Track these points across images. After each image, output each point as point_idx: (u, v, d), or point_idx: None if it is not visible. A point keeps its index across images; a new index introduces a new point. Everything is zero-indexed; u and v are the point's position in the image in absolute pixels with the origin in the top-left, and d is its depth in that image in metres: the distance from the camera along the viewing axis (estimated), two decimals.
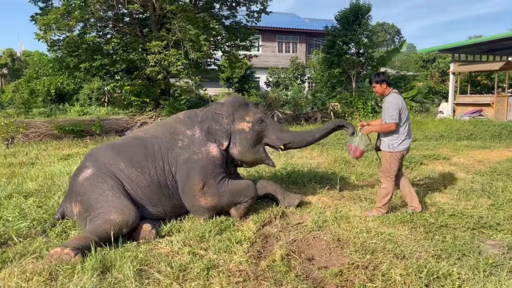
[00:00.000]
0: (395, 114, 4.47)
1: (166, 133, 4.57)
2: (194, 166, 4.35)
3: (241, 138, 4.61)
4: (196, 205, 4.35)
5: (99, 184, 4.03)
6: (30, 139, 11.25)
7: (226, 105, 4.71)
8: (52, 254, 3.30)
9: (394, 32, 79.45)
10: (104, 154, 4.34)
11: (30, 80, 26.02)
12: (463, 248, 3.68)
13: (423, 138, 11.21)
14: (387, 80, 4.70)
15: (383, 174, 4.68)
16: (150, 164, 4.32)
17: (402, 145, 4.56)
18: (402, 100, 4.61)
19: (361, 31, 17.40)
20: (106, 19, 12.62)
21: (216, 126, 4.58)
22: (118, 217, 3.76)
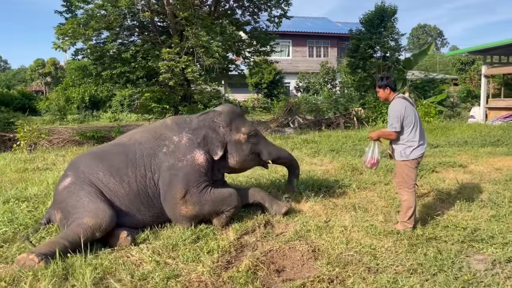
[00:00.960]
0: (395, 123, 4.22)
1: (151, 138, 4.52)
2: (177, 173, 4.30)
3: (237, 149, 4.68)
4: (177, 214, 4.30)
5: (76, 191, 4.06)
6: (53, 145, 11.66)
7: (224, 115, 4.70)
8: (18, 260, 3.35)
9: (436, 34, 77.23)
10: (84, 163, 4.34)
11: (66, 88, 27.15)
12: (443, 262, 3.45)
13: (445, 144, 10.72)
14: (391, 85, 4.43)
15: (401, 185, 4.35)
16: (131, 172, 4.26)
17: (416, 152, 4.27)
18: (406, 106, 4.28)
19: (387, 34, 16.96)
20: (126, 27, 12.94)
21: (212, 134, 4.58)
22: (91, 220, 3.75)
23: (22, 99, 28.11)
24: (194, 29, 11.39)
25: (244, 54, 15.14)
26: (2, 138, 12.04)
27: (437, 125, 13.77)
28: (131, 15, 12.54)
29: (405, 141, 4.27)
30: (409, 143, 4.25)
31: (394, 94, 4.43)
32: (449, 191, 5.96)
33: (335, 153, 9.54)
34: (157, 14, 13.23)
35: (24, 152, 10.36)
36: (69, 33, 11.21)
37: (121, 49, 13.00)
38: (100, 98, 27.42)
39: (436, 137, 11.99)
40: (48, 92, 39.91)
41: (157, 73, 12.73)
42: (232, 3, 15.09)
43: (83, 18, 11.67)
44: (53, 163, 8.95)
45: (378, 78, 4.55)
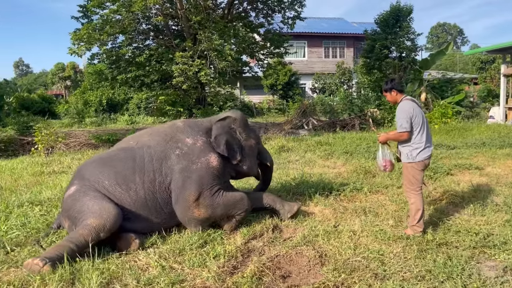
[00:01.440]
0: (404, 123, 4.18)
1: (161, 141, 4.47)
2: (191, 175, 4.28)
3: (249, 154, 4.84)
4: (190, 217, 4.29)
5: (80, 198, 4.04)
6: (70, 148, 11.86)
7: (238, 121, 4.83)
8: (25, 265, 3.41)
9: (456, 32, 75.97)
10: (89, 171, 4.31)
11: (84, 92, 27.62)
12: (453, 269, 3.38)
13: (462, 146, 10.49)
14: (396, 86, 4.40)
15: (408, 188, 4.31)
16: (138, 178, 4.22)
17: (422, 154, 4.22)
18: (414, 107, 4.27)
19: (403, 34, 16.73)
20: (140, 31, 13.10)
21: (232, 140, 4.67)
22: (95, 221, 3.77)
23: (42, 102, 28.69)
24: (207, 32, 11.46)
25: (258, 56, 15.15)
26: (21, 142, 12.33)
27: (454, 126, 13.49)
28: (145, 19, 12.68)
29: (411, 142, 4.24)
30: (415, 145, 4.21)
31: (402, 96, 4.41)
32: (463, 194, 5.83)
33: (349, 155, 9.44)
34: (171, 18, 13.35)
35: (41, 155, 10.56)
36: (84, 38, 11.41)
37: (136, 53, 13.15)
38: (118, 101, 27.78)
39: (453, 138, 11.76)
40: (67, 96, 40.70)
41: (171, 76, 12.83)
42: (245, 5, 15.12)
43: (98, 23, 11.87)
44: (69, 167, 9.10)
45: (384, 82, 4.53)
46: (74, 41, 11.63)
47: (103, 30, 11.64)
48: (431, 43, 71.45)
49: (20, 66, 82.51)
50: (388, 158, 4.52)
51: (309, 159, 9.18)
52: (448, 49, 16.92)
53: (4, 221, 4.64)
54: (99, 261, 3.63)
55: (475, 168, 7.57)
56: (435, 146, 10.22)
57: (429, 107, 15.52)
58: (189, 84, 12.21)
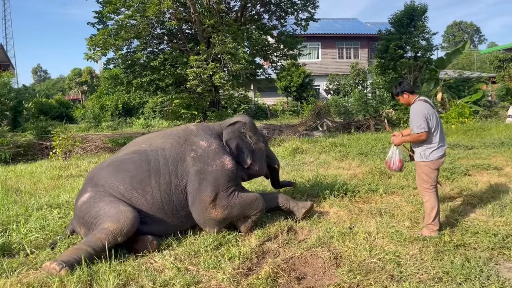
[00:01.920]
0: (423, 123, 4.16)
1: (176, 144, 4.49)
2: (206, 177, 4.32)
3: (259, 157, 4.95)
4: (207, 217, 4.32)
5: (96, 204, 4.04)
6: (87, 152, 12.04)
7: (248, 125, 4.92)
8: (44, 267, 3.48)
9: (473, 30, 74.89)
10: (103, 177, 4.28)
11: (101, 96, 28.03)
12: (470, 271, 3.33)
13: (480, 146, 10.32)
14: (407, 88, 4.41)
15: (422, 187, 4.35)
16: (154, 182, 4.24)
17: (436, 154, 4.23)
18: (428, 107, 4.26)
19: (417, 33, 16.54)
20: (155, 36, 13.23)
21: (243, 144, 4.77)
22: (112, 225, 3.77)
23: (59, 107, 29.18)
24: (220, 36, 11.53)
25: (271, 58, 15.17)
26: (39, 146, 12.56)
27: (472, 125, 13.28)
28: (159, 24, 12.81)
29: (425, 142, 4.24)
30: (429, 145, 4.23)
31: (415, 97, 4.41)
32: (482, 195, 5.74)
33: (364, 156, 9.37)
34: (185, 22, 13.47)
35: (59, 159, 10.74)
36: (99, 43, 11.59)
37: (151, 57, 13.30)
38: (133, 105, 28.12)
39: (470, 138, 11.57)
40: (84, 101, 41.35)
41: (186, 80, 12.93)
42: (258, 8, 15.16)
43: (113, 28, 12.05)
44: (86, 170, 9.23)
45: (393, 87, 4.58)
46: (90, 46, 11.82)
47: (118, 35, 11.81)
48: (447, 42, 70.54)
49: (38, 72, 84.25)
50: (399, 157, 4.56)
51: (324, 160, 9.14)
52: (465, 48, 16.68)
53: (24, 224, 4.73)
54: (116, 263, 3.68)
55: (493, 168, 7.44)
56: (452, 146, 10.08)
57: (445, 107, 15.32)
58: (203, 87, 12.29)
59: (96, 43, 11.62)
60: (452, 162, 8.16)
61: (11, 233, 4.54)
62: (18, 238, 4.32)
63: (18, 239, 4.29)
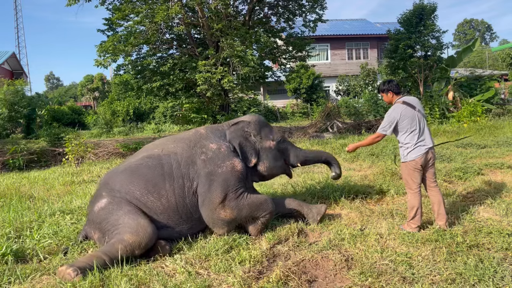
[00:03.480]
0: (386, 126, 4.45)
1: (186, 148, 4.55)
2: (216, 178, 4.36)
3: (267, 155, 4.84)
4: (216, 218, 4.34)
5: (114, 211, 4.07)
6: (99, 158, 12.16)
7: (253, 124, 4.86)
8: (58, 272, 3.51)
9: (484, 28, 74.05)
10: (118, 182, 4.31)
11: (112, 102, 28.30)
12: (484, 272, 3.28)
13: (493, 145, 10.19)
14: (393, 88, 4.56)
15: (406, 186, 4.58)
16: (168, 185, 4.28)
17: (412, 154, 4.36)
18: (403, 111, 4.37)
19: (427, 32, 16.42)
20: (164, 41, 13.33)
21: (246, 143, 4.72)
22: (132, 237, 3.79)
23: (72, 114, 29.55)
24: (228, 39, 11.57)
25: (280, 60, 15.17)
26: (52, 153, 12.73)
27: (484, 124, 13.13)
28: (168, 29, 12.91)
29: (403, 143, 4.44)
30: (405, 145, 4.42)
31: (397, 98, 4.55)
32: (495, 194, 5.66)
33: (375, 157, 9.32)
34: (193, 26, 13.54)
35: (72, 165, 10.86)
36: (109, 50, 11.71)
37: (160, 63, 13.40)
38: (144, 111, 28.36)
39: (483, 137, 11.43)
40: (96, 107, 41.80)
41: (195, 84, 12.99)
42: (266, 11, 15.19)
43: (123, 35, 12.18)
44: (98, 176, 9.32)
45: (381, 83, 4.72)
46: (100, 53, 11.95)
47: (128, 41, 11.91)
48: (458, 41, 69.82)
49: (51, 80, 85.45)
50: None
51: None
52: (475, 45, 16.50)
53: (37, 230, 4.79)
54: (127, 268, 3.70)
55: (507, 167, 7.34)
56: (465, 145, 9.97)
57: (457, 105, 15.16)
58: (212, 92, 12.34)
59: (106, 50, 11.74)
60: (465, 161, 8.07)
61: (24, 239, 4.59)
62: (31, 244, 4.36)
63: (32, 245, 4.34)
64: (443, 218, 4.41)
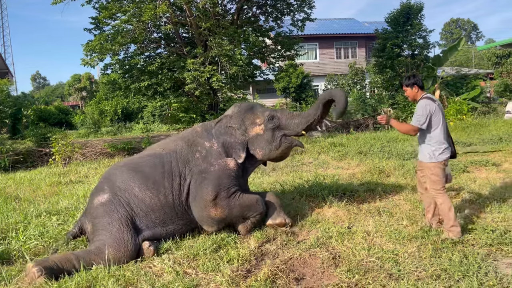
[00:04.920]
0: (422, 119, 4.10)
1: (185, 146, 4.62)
2: (209, 176, 4.37)
3: (259, 142, 4.69)
4: (206, 215, 4.33)
5: (111, 213, 4.08)
6: (86, 158, 12.05)
7: (234, 117, 4.78)
8: (27, 268, 3.51)
9: (470, 27, 74.86)
10: (120, 178, 4.35)
11: (99, 101, 28.03)
12: (469, 267, 3.33)
13: (478, 142, 10.34)
14: (419, 83, 4.30)
15: (433, 188, 4.17)
16: (167, 183, 4.34)
17: (444, 154, 4.14)
18: (435, 106, 4.13)
19: (414, 31, 16.58)
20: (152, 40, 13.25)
21: (230, 139, 4.66)
22: (112, 252, 3.77)
23: (59, 114, 29.20)
24: (217, 38, 11.55)
25: (269, 59, 15.17)
26: (39, 153, 12.55)
27: (470, 122, 13.31)
28: (156, 28, 12.83)
29: (433, 141, 4.14)
30: (436, 145, 4.13)
31: (423, 93, 4.31)
32: (480, 191, 5.75)
33: (363, 155, 9.39)
34: (181, 25, 13.48)
35: (59, 166, 10.75)
36: (96, 49, 11.60)
37: (148, 62, 13.32)
38: (132, 110, 28.13)
39: (469, 135, 11.59)
40: (84, 106, 41.37)
41: (184, 83, 12.93)
42: (255, 10, 15.18)
43: (110, 33, 12.08)
44: (86, 176, 9.25)
45: (404, 77, 4.44)
46: (86, 52, 11.83)
47: (115, 41, 11.82)
48: (445, 40, 70.57)
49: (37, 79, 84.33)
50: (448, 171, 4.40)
51: (323, 160, 9.16)
52: (461, 44, 16.67)
53: (23, 232, 4.73)
54: (115, 268, 3.68)
55: (492, 164, 7.46)
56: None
57: (443, 104, 15.33)
58: (201, 91, 12.30)
59: (93, 49, 11.64)
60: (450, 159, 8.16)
61: (10, 240, 4.54)
62: (17, 246, 4.32)
63: (17, 247, 4.29)
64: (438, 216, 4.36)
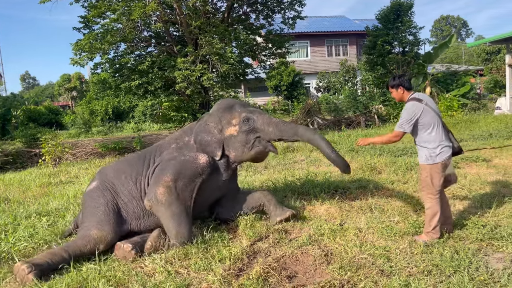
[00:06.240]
0: (405, 123, 3.91)
1: (171, 140, 4.80)
2: (175, 163, 4.34)
3: (233, 143, 4.58)
4: (152, 191, 4.18)
5: (97, 198, 4.23)
6: (77, 158, 11.96)
7: (213, 115, 4.73)
8: (15, 267, 3.52)
9: (460, 24, 75.36)
10: (110, 169, 4.58)
11: (90, 101, 27.80)
12: (460, 263, 3.35)
13: (469, 138, 10.42)
14: (404, 83, 4.09)
15: (425, 191, 4.02)
16: (145, 172, 4.46)
17: (443, 155, 3.90)
18: (422, 107, 3.91)
19: (404, 28, 16.66)
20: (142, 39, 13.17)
21: (207, 137, 4.59)
22: (97, 233, 3.92)
23: (49, 114, 28.88)
24: (207, 37, 11.51)
25: (260, 57, 15.15)
26: (28, 154, 12.46)
27: (460, 118, 13.39)
28: (146, 26, 12.75)
29: (429, 143, 3.94)
30: (434, 146, 3.92)
31: (410, 94, 4.11)
32: (471, 187, 5.79)
33: (354, 153, 9.42)
34: (172, 24, 13.40)
35: (49, 166, 10.65)
36: (85, 48, 11.50)
37: (138, 61, 13.23)
38: (123, 110, 27.93)
39: (459, 131, 11.66)
40: (74, 106, 41.00)
41: (175, 82, 12.86)
42: (245, 8, 15.14)
43: (99, 32, 11.98)
44: (76, 176, 9.18)
45: (390, 78, 4.28)
46: (76, 51, 11.72)
47: (104, 39, 11.72)
48: (436, 37, 71.02)
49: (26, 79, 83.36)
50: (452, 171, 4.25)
51: (315, 158, 9.16)
52: (451, 41, 16.77)
53: (12, 233, 4.68)
54: (106, 269, 3.65)
55: (482, 160, 7.51)
56: None
57: (434, 101, 15.44)
58: (192, 89, 12.25)
59: (82, 48, 11.53)
60: None
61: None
62: (6, 248, 4.26)
63: (7, 248, 4.24)
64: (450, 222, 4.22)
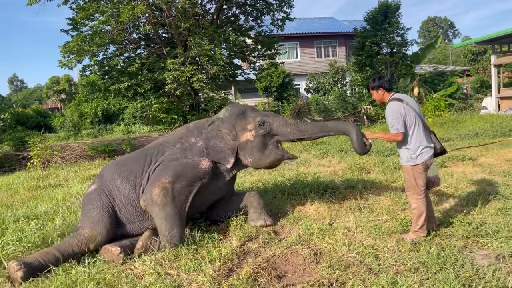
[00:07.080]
0: (396, 124, 3.88)
1: (175, 138, 4.66)
2: (177, 165, 4.32)
3: (250, 149, 4.52)
4: (148, 191, 4.19)
5: (93, 201, 4.27)
6: (66, 161, 11.87)
7: (225, 121, 4.65)
8: (7, 267, 3.62)
9: (447, 25, 76.10)
10: (108, 171, 4.54)
11: (79, 104, 27.57)
12: (446, 260, 3.41)
13: (455, 138, 10.57)
14: (384, 85, 4.09)
15: (410, 192, 4.06)
16: (144, 175, 4.39)
17: (424, 155, 3.91)
18: (404, 106, 3.93)
19: (392, 29, 16.83)
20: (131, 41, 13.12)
21: (220, 144, 4.53)
22: (88, 232, 4.01)
23: (37, 117, 28.59)
24: (197, 38, 11.51)
25: (249, 59, 15.18)
26: (17, 157, 12.32)
27: (447, 118, 13.55)
28: (135, 28, 12.71)
29: (410, 144, 3.94)
30: (415, 146, 3.93)
31: (390, 95, 4.12)
32: (457, 185, 5.88)
33: (344, 153, 9.50)
34: (161, 26, 13.38)
35: (37, 169, 10.56)
36: (74, 50, 11.43)
37: (127, 63, 13.18)
38: (113, 112, 27.74)
39: (446, 131, 11.81)
40: (63, 109, 40.63)
41: (164, 84, 12.81)
42: (234, 10, 15.16)
43: (88, 34, 11.92)
44: (65, 179, 9.11)
45: (370, 80, 4.30)
46: (64, 53, 11.64)
47: (93, 42, 11.66)
48: (423, 38, 71.68)
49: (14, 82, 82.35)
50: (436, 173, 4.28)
51: (304, 158, 9.22)
52: (438, 42, 16.96)
53: (0, 237, 4.64)
54: (95, 271, 3.64)
55: (468, 159, 7.62)
56: None
57: (422, 101, 15.60)
58: (182, 91, 12.23)
59: (70, 50, 11.45)
60: None
61: None
62: None
63: None
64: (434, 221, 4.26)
